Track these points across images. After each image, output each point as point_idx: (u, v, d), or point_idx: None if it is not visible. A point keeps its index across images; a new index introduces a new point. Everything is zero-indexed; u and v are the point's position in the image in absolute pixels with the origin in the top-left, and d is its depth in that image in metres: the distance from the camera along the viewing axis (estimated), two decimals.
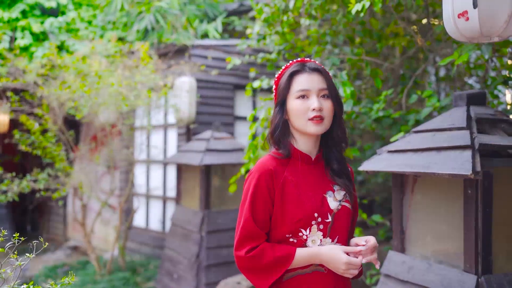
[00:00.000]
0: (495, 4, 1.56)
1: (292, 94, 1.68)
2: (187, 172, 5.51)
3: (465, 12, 1.62)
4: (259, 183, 1.65)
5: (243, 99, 6.67)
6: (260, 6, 4.62)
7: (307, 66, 1.71)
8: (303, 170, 1.72)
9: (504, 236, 2.31)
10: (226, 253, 5.13)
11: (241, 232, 1.65)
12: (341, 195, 1.73)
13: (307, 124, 1.66)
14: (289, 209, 1.64)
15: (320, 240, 1.65)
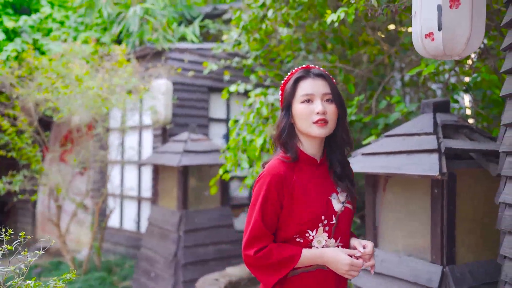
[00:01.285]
0: (456, 28, 1.79)
1: (297, 99, 1.75)
2: (165, 173, 5.63)
3: (431, 33, 1.84)
4: (269, 187, 1.70)
5: (218, 102, 6.84)
6: (238, 14, 4.80)
7: (311, 72, 1.78)
8: (310, 173, 1.78)
9: (465, 231, 2.57)
10: (203, 251, 5.29)
11: (250, 233, 1.71)
12: (344, 197, 1.79)
13: (311, 127, 1.72)
14: (298, 211, 1.70)
15: (325, 240, 1.73)
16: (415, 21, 1.89)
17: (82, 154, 5.86)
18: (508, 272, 2.08)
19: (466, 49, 1.79)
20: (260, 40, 4.71)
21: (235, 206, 6.58)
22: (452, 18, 1.75)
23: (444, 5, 1.76)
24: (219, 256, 5.40)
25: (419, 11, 1.85)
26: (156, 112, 5.80)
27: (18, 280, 2.03)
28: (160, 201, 5.74)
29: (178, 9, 7.34)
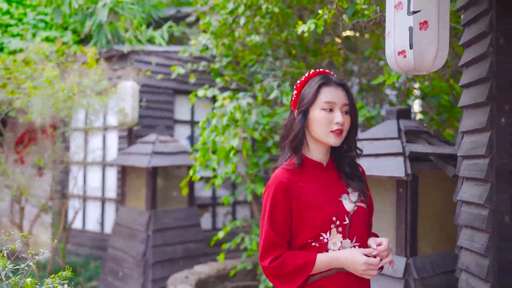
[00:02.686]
0: (425, 47, 2.04)
1: (317, 105, 1.73)
2: (133, 174, 5.70)
3: (403, 51, 2.08)
4: (275, 197, 1.71)
5: (183, 103, 6.95)
6: (208, 19, 4.96)
7: (333, 80, 1.77)
8: (316, 177, 1.78)
9: (426, 226, 2.86)
10: (171, 250, 5.41)
11: (263, 244, 1.72)
12: (355, 196, 1.79)
13: (328, 135, 1.72)
14: (308, 216, 1.70)
15: (340, 242, 1.72)
16: (389, 40, 2.13)
17: (48, 155, 5.83)
18: (464, 261, 2.37)
19: (433, 65, 2.05)
20: (228, 45, 4.88)
21: (199, 206, 6.71)
22: (422, 38, 2.00)
23: (415, 27, 2.01)
24: (187, 255, 5.53)
25: (393, 31, 2.09)
26: (124, 113, 5.85)
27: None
28: (127, 202, 5.80)
29: (145, 9, 7.40)
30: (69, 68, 5.58)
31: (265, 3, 4.08)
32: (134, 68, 6.14)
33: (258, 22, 4.28)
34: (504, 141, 2.08)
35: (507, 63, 2.09)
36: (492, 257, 2.09)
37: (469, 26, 2.37)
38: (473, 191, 2.26)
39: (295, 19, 5.00)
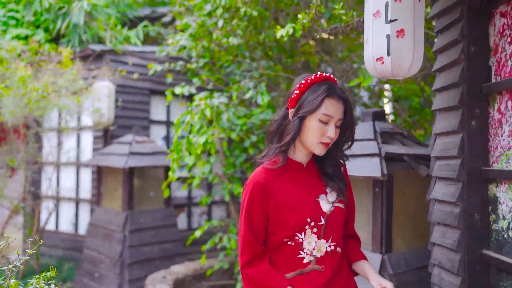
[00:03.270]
0: (402, 54, 2.14)
1: (316, 115, 1.70)
2: (109, 174, 5.68)
3: (381, 57, 2.18)
4: (252, 196, 1.73)
5: (158, 104, 6.94)
6: (185, 20, 4.99)
7: (338, 93, 1.74)
8: (296, 177, 1.78)
9: (400, 224, 2.98)
10: (148, 250, 5.42)
11: (240, 243, 1.76)
12: (333, 197, 1.79)
13: (317, 145, 1.73)
14: (284, 216, 1.71)
15: (315, 242, 1.72)
16: (367, 46, 2.23)
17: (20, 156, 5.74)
18: (436, 256, 2.49)
19: (409, 71, 2.15)
20: (207, 47, 4.93)
21: (175, 206, 6.73)
22: (399, 46, 2.10)
23: (392, 35, 2.11)
24: (164, 255, 5.55)
25: (371, 38, 2.19)
26: (100, 113, 5.82)
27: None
28: (103, 202, 5.77)
29: (120, 9, 7.36)
30: (44, 67, 5.52)
31: (243, 6, 4.14)
32: (110, 68, 6.11)
33: (236, 25, 4.34)
34: (475, 143, 2.21)
35: (478, 70, 2.21)
36: (463, 252, 2.22)
37: (442, 33, 2.49)
38: (445, 190, 2.38)
39: (270, 21, 5.08)
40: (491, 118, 2.19)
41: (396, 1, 2.07)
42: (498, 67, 2.13)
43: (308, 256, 1.73)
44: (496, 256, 2.07)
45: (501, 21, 2.11)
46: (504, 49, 2.08)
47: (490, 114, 2.20)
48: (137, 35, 7.13)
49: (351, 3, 4.35)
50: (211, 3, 4.55)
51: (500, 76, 2.12)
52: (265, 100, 4.42)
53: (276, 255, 1.76)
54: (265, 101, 4.42)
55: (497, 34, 2.14)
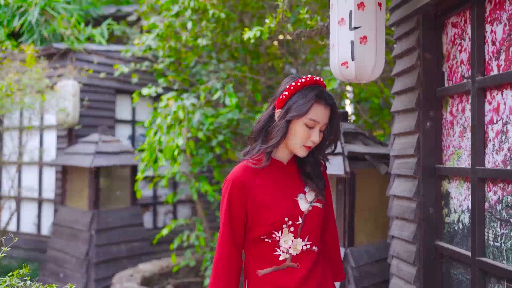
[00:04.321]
0: (365, 59, 2.30)
1: (304, 119, 1.70)
2: (74, 174, 5.65)
3: (346, 62, 2.33)
4: (231, 193, 1.74)
5: (124, 103, 6.93)
6: (153, 20, 5.03)
7: (326, 98, 1.74)
8: (275, 176, 1.79)
9: (362, 219, 3.15)
10: (115, 249, 5.43)
11: (218, 235, 1.80)
12: (312, 196, 1.79)
13: (300, 148, 1.74)
14: (262, 214, 1.73)
15: (291, 240, 1.74)
16: (333, 52, 2.37)
17: None
18: (395, 248, 2.67)
19: (372, 75, 2.31)
20: (174, 48, 4.99)
21: (141, 205, 6.74)
22: (362, 51, 2.26)
23: (356, 41, 2.26)
24: (131, 254, 5.57)
25: (337, 44, 2.34)
26: (66, 113, 5.78)
27: None
28: (68, 202, 5.74)
29: (83, 7, 7.29)
30: (6, 65, 5.43)
31: (211, 8, 4.23)
32: (75, 67, 6.07)
33: (204, 26, 4.43)
34: (430, 143, 2.39)
35: (432, 75, 2.40)
36: (418, 244, 2.40)
37: (400, 40, 2.67)
38: (403, 187, 2.56)
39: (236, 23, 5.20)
40: (444, 119, 2.38)
41: (359, 10, 2.22)
42: (450, 73, 2.32)
43: (284, 254, 1.74)
44: (447, 247, 2.25)
45: (452, 30, 2.29)
46: (455, 56, 2.27)
47: (443, 116, 2.38)
48: (102, 33, 7.09)
49: (315, 7, 4.51)
50: (179, 4, 4.62)
51: (452, 81, 2.30)
52: (233, 101, 4.53)
53: (253, 249, 1.78)
54: (233, 102, 4.53)
55: (449, 43, 2.33)
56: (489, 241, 1.95)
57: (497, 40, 1.94)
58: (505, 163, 1.87)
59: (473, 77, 2.05)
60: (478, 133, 2.01)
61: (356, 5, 2.20)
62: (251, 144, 1.83)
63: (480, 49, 2.03)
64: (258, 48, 5.38)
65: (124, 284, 4.50)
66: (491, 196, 1.95)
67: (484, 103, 2.01)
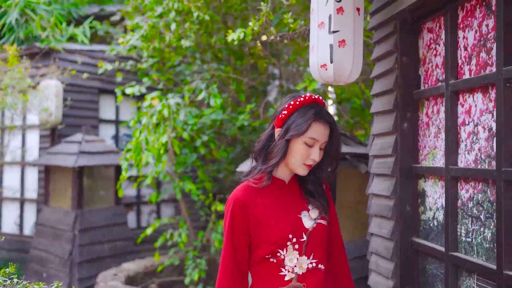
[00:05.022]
0: (343, 62, 2.37)
1: (303, 137, 1.71)
2: (58, 174, 5.65)
3: (325, 64, 2.40)
4: (233, 214, 1.74)
5: (107, 103, 6.94)
6: (137, 21, 5.06)
7: (325, 117, 1.75)
8: (277, 194, 1.78)
9: (343, 216, 3.24)
10: (98, 249, 5.45)
11: (221, 264, 1.76)
12: (315, 213, 1.79)
13: (300, 166, 1.74)
14: (265, 232, 1.71)
15: (296, 258, 1.71)
16: (313, 54, 2.45)
17: None
18: (374, 245, 2.76)
19: (349, 78, 2.39)
20: (159, 49, 5.03)
21: (124, 205, 6.75)
22: (340, 54, 2.33)
23: (335, 45, 2.34)
24: (115, 253, 5.59)
25: (316, 47, 2.41)
26: (49, 112, 5.77)
27: None
28: (52, 202, 5.73)
29: (65, 6, 7.26)
30: None
31: (196, 10, 4.28)
32: (58, 66, 6.06)
33: (188, 28, 4.48)
34: (407, 143, 2.48)
35: (409, 78, 2.49)
36: (396, 241, 2.49)
37: (379, 44, 2.76)
38: (381, 186, 2.65)
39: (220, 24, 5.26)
40: (420, 121, 2.47)
41: (338, 14, 2.30)
42: (426, 76, 2.41)
43: (290, 274, 1.71)
44: (423, 243, 2.35)
45: (428, 35, 2.39)
46: (430, 60, 2.37)
47: (419, 118, 2.48)
48: (84, 32, 7.06)
49: (298, 9, 4.59)
50: (163, 6, 4.66)
51: (427, 84, 2.40)
52: (218, 102, 4.59)
53: (258, 271, 1.76)
54: (218, 102, 4.59)
55: (425, 47, 2.42)
56: (461, 237, 2.05)
57: (468, 45, 2.04)
58: (476, 163, 1.97)
59: (447, 80, 2.14)
60: (452, 134, 2.11)
61: (335, 10, 2.27)
62: (252, 165, 1.82)
63: (453, 54, 2.12)
64: (241, 49, 5.45)
65: (108, 283, 4.52)
66: (463, 194, 2.05)
67: (457, 106, 2.11)
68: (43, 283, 2.13)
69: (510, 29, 1.75)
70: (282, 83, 5.99)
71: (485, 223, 1.89)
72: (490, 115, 1.88)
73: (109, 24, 7.72)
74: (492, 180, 1.84)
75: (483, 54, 1.93)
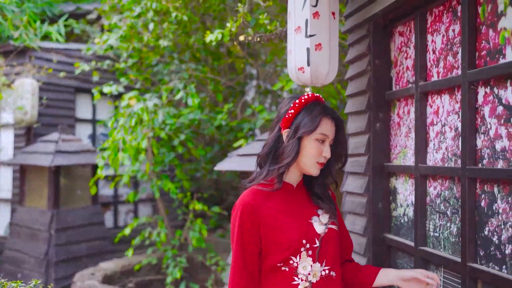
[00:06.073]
0: (320, 65, 2.45)
1: (314, 134, 1.69)
2: (33, 173, 5.60)
3: (302, 67, 2.48)
4: (242, 219, 1.66)
5: (84, 102, 6.89)
6: (114, 20, 5.06)
7: (330, 113, 1.75)
8: (286, 199, 1.73)
9: None
10: (75, 248, 5.42)
11: (231, 271, 1.68)
12: (326, 219, 1.74)
13: (314, 166, 1.71)
14: (277, 238, 1.64)
15: (310, 266, 1.65)
16: (290, 57, 2.52)
17: None
18: None
19: (326, 80, 2.47)
20: (138, 49, 5.04)
21: (101, 204, 6.73)
22: (317, 57, 2.41)
23: (311, 48, 2.41)
24: (92, 253, 5.58)
25: (293, 50, 2.48)
26: (24, 111, 5.71)
27: None
28: (27, 202, 5.68)
29: (38, 5, 7.17)
30: None
31: (174, 11, 4.32)
32: (34, 65, 6.00)
33: (166, 28, 4.51)
34: (379, 143, 2.57)
35: (381, 80, 2.58)
36: (368, 237, 2.58)
37: (353, 46, 2.84)
38: (355, 184, 2.74)
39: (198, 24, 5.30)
40: (392, 121, 2.57)
41: (315, 19, 2.37)
42: (397, 78, 2.51)
43: (303, 282, 1.63)
44: (395, 238, 2.44)
45: (399, 39, 2.48)
46: (402, 63, 2.46)
47: (391, 118, 2.57)
48: (58, 30, 6.99)
49: (274, 11, 4.67)
50: (141, 5, 4.68)
51: (399, 85, 2.49)
52: (196, 102, 4.63)
53: (269, 281, 1.67)
54: (195, 102, 4.63)
55: (396, 50, 2.52)
56: (430, 232, 2.15)
57: (436, 49, 2.13)
58: (443, 161, 2.06)
59: (416, 82, 2.24)
60: (421, 133, 2.20)
61: (311, 15, 2.35)
62: (257, 171, 1.79)
63: (422, 57, 2.22)
64: (219, 49, 5.50)
65: (85, 283, 4.52)
66: (431, 191, 2.15)
67: (426, 106, 2.21)
68: (21, 281, 2.16)
69: (473, 34, 1.85)
70: (260, 83, 6.07)
71: (451, 219, 1.99)
72: (456, 116, 1.98)
73: (86, 23, 7.67)
74: (458, 178, 1.94)
75: (450, 57, 2.03)
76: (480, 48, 1.83)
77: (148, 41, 4.79)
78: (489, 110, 1.77)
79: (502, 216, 1.69)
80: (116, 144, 4.43)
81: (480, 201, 1.81)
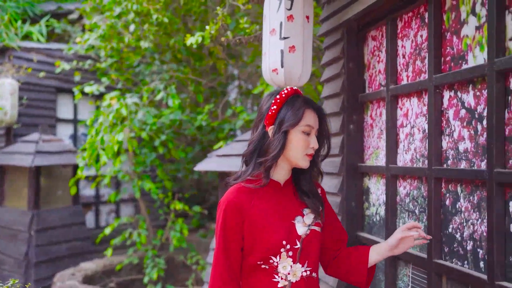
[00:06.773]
0: (293, 67, 2.52)
1: (300, 126, 1.69)
2: (13, 174, 5.57)
3: (276, 69, 2.54)
4: (226, 216, 1.66)
5: (65, 102, 6.86)
6: (95, 21, 5.06)
7: (312, 104, 1.75)
8: (272, 197, 1.72)
9: None
10: (56, 249, 5.41)
11: (213, 267, 1.69)
12: (310, 219, 1.74)
13: (303, 158, 1.70)
14: (258, 238, 1.65)
15: (290, 266, 1.66)
16: (265, 59, 2.58)
17: None
18: None
19: (299, 81, 2.53)
20: (117, 49, 5.05)
21: (83, 205, 6.71)
22: (290, 59, 2.47)
23: (285, 50, 2.47)
24: (73, 253, 5.57)
25: (268, 52, 2.54)
26: (4, 111, 5.67)
27: None
28: (7, 202, 5.65)
29: (20, 4, 7.12)
30: None
31: (155, 13, 4.34)
32: (13, 64, 5.97)
33: (147, 29, 4.53)
34: (353, 144, 2.64)
35: (355, 83, 2.65)
36: None
37: (328, 49, 2.91)
38: (330, 183, 2.80)
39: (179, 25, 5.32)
40: (365, 123, 2.64)
41: (289, 21, 2.44)
42: (370, 81, 2.58)
43: (283, 281, 1.65)
44: (367, 237, 2.51)
45: (372, 43, 2.56)
46: (374, 66, 2.54)
47: (364, 120, 2.65)
48: (40, 30, 6.96)
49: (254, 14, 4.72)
50: (122, 6, 4.69)
51: (371, 88, 2.57)
52: (176, 102, 4.66)
53: (250, 279, 1.69)
54: (176, 103, 4.66)
55: (369, 54, 2.59)
56: None
57: (406, 54, 2.21)
58: (412, 162, 2.14)
59: (387, 85, 2.31)
60: (392, 135, 2.28)
61: (286, 17, 2.41)
62: (241, 169, 1.78)
63: (393, 61, 2.29)
64: (201, 50, 5.53)
65: (65, 283, 4.52)
66: (401, 190, 2.22)
67: (396, 109, 2.28)
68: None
69: (439, 40, 1.92)
70: (241, 84, 6.12)
71: (419, 217, 2.06)
72: (424, 118, 2.05)
73: (67, 22, 7.64)
74: (425, 178, 2.01)
75: (418, 62, 2.11)
76: (445, 53, 1.91)
77: (129, 42, 4.80)
78: (453, 113, 1.85)
79: (464, 214, 1.77)
80: (94, 143, 4.44)
81: (445, 200, 1.89)
